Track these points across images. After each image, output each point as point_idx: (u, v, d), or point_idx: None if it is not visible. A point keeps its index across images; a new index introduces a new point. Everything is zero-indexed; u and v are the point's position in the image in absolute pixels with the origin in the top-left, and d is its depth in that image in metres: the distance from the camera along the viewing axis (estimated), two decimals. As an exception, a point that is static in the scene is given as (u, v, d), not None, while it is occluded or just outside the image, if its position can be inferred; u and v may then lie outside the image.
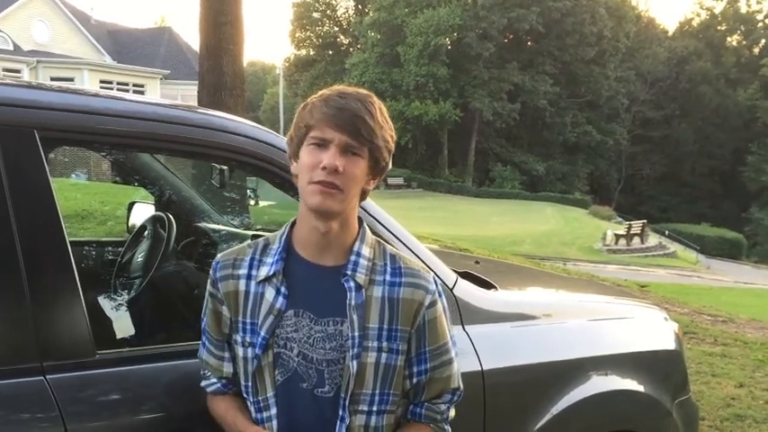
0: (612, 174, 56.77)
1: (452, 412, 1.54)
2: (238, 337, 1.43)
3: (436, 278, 1.50)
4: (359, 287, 1.39)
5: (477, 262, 3.02)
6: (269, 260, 1.42)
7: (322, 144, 1.33)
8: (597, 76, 52.46)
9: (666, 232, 37.70)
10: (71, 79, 26.55)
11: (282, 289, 1.40)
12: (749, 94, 54.28)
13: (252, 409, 1.44)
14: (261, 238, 1.50)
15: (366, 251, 1.43)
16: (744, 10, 61.26)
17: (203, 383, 1.52)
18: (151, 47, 33.16)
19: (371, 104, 1.35)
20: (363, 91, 1.39)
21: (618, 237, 27.94)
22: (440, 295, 1.47)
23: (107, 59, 31.40)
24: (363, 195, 1.43)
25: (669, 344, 2.57)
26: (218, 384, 1.50)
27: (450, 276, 1.99)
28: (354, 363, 1.37)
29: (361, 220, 1.47)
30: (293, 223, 1.45)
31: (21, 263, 1.40)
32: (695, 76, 56.06)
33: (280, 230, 1.47)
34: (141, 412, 1.51)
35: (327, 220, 1.36)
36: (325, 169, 1.30)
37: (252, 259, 1.44)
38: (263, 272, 1.41)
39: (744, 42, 60.77)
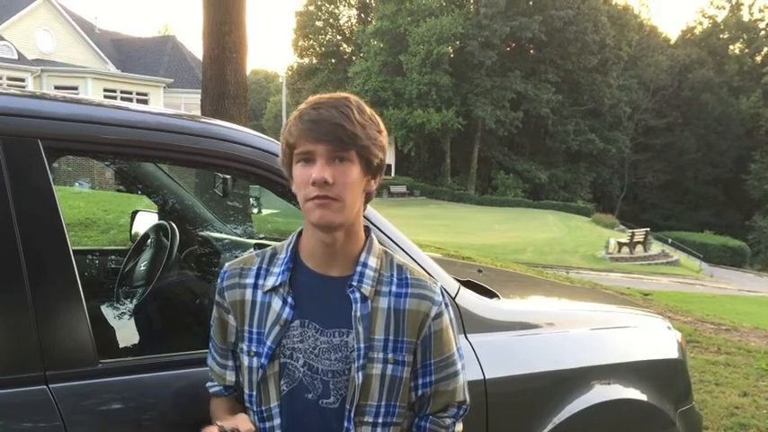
0: (615, 182, 56.70)
1: (459, 427, 1.52)
2: (244, 347, 1.43)
3: (443, 289, 1.48)
4: (364, 298, 1.38)
5: (479, 270, 3.02)
6: (276, 270, 1.42)
7: (308, 159, 1.32)
8: (600, 85, 52.50)
9: (669, 240, 37.67)
10: (75, 88, 26.70)
11: (289, 299, 1.39)
12: (752, 103, 54.32)
13: (255, 419, 1.43)
14: (269, 248, 1.49)
15: (373, 262, 1.42)
16: (746, 18, 61.38)
17: (208, 384, 1.53)
18: (155, 55, 33.32)
19: (347, 107, 1.32)
20: (339, 95, 1.36)
21: (621, 245, 27.85)
22: (446, 306, 1.46)
23: (111, 68, 31.56)
24: (367, 198, 1.42)
25: (672, 353, 2.57)
26: (220, 387, 1.51)
27: (452, 285, 1.99)
28: (360, 374, 1.36)
29: (368, 230, 1.46)
30: (300, 232, 1.45)
31: (24, 271, 1.40)
32: (698, 85, 56.08)
33: (287, 240, 1.47)
34: (144, 421, 1.51)
35: (332, 232, 1.35)
36: (315, 184, 1.30)
37: (259, 269, 1.44)
38: (270, 282, 1.41)
39: (746, 51, 60.79)
